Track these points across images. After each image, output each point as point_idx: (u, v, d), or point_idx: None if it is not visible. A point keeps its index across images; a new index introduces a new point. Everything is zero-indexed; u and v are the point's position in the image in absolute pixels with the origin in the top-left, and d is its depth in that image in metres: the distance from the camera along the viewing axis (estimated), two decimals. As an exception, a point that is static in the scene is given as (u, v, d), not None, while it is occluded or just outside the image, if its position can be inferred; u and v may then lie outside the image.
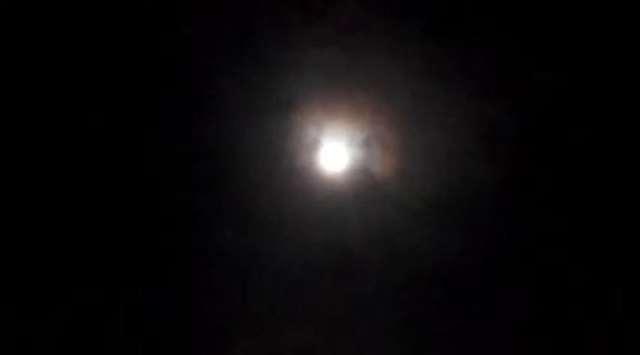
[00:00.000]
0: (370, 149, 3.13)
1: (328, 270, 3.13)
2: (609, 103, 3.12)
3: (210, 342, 3.11)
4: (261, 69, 3.05)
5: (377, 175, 3.13)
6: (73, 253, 3.11)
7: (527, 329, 3.14)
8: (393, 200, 3.13)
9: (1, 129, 3.07)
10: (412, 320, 3.12)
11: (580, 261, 3.17)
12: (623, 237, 3.14)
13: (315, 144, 3.14)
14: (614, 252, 3.16)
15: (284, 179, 3.11)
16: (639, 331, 3.10)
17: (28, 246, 3.10)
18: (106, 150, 3.11)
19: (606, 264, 3.15)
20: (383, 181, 3.13)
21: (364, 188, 3.13)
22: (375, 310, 3.12)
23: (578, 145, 3.15)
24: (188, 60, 3.05)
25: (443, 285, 3.12)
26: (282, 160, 3.11)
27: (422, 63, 3.08)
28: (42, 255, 3.10)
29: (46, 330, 3.08)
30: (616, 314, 3.12)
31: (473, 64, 3.09)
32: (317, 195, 3.13)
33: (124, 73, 3.06)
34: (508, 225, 3.14)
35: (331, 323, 3.12)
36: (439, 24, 3.08)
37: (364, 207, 3.13)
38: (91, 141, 3.10)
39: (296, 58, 3.05)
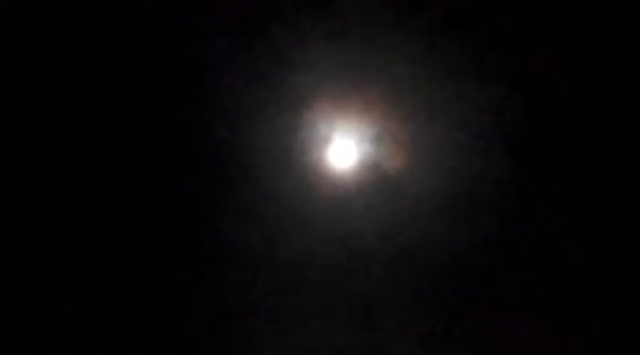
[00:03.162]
0: (381, 145, 3.11)
1: (340, 267, 3.12)
2: (621, 97, 3.11)
3: (213, 342, 3.11)
4: (272, 64, 3.03)
5: (388, 171, 3.12)
6: (73, 251, 3.10)
7: (537, 326, 3.14)
8: (405, 196, 3.12)
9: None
10: (424, 316, 3.11)
11: (590, 256, 3.17)
12: (632, 236, 3.13)
13: (325, 140, 3.12)
14: (622, 250, 3.15)
15: (295, 175, 3.09)
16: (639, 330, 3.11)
17: (25, 245, 3.09)
18: (110, 147, 3.09)
19: (613, 261, 3.15)
20: (394, 177, 3.11)
21: (376, 184, 3.12)
22: (387, 310, 3.11)
23: (590, 138, 3.14)
24: (197, 56, 3.02)
25: (455, 281, 3.12)
26: (293, 157, 3.09)
27: (433, 57, 3.06)
28: (39, 254, 3.09)
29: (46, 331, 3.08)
30: (619, 312, 3.12)
31: (485, 57, 3.07)
32: (328, 191, 3.11)
33: (131, 69, 3.04)
34: (522, 220, 3.13)
35: (341, 321, 3.11)
36: (450, 17, 3.05)
37: (376, 203, 3.12)
38: (94, 138, 3.08)
39: (306, 53, 3.03)
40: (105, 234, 3.11)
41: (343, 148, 3.13)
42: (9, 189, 3.09)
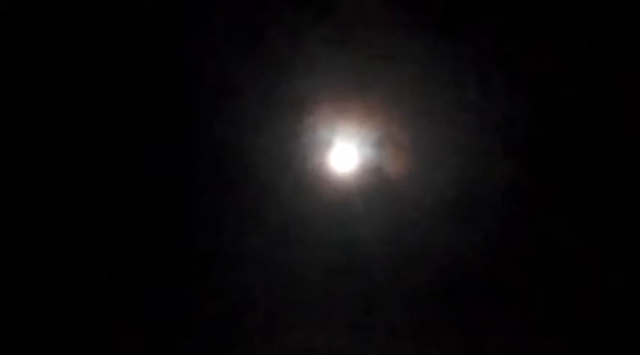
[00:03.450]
0: (382, 149, 3.11)
1: (340, 272, 3.13)
2: (625, 98, 3.11)
3: (213, 342, 3.12)
4: (273, 69, 3.02)
5: (390, 175, 3.12)
6: (73, 254, 3.10)
7: (537, 326, 3.16)
8: (406, 199, 3.12)
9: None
10: (426, 320, 3.12)
11: (590, 256, 3.18)
12: (632, 236, 3.14)
13: (327, 145, 3.12)
14: (622, 250, 3.17)
15: (296, 180, 3.09)
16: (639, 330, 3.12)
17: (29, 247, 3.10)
18: (111, 149, 3.09)
19: (613, 261, 3.17)
20: (396, 181, 3.12)
21: (377, 188, 3.12)
22: (388, 311, 3.12)
23: (590, 139, 3.14)
24: (199, 60, 3.01)
25: (457, 285, 3.13)
26: (294, 161, 3.09)
27: (434, 61, 3.05)
28: (45, 254, 3.10)
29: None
30: (619, 313, 3.14)
31: (485, 60, 3.07)
32: (329, 195, 3.12)
33: (133, 74, 3.03)
34: (523, 223, 3.14)
35: (343, 324, 3.12)
36: (450, 21, 3.05)
37: (377, 206, 3.13)
38: (95, 139, 3.07)
39: (307, 57, 3.02)
40: (105, 234, 3.12)
41: (344, 152, 3.13)
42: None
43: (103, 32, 3.01)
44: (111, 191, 3.11)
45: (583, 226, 3.18)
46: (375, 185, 3.13)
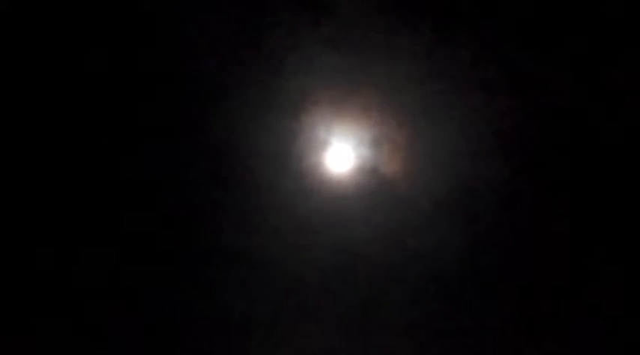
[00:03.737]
0: (379, 149, 3.12)
1: (337, 271, 3.15)
2: (620, 100, 3.10)
3: (213, 343, 3.15)
4: (270, 69, 3.02)
5: (386, 175, 3.13)
6: (73, 254, 3.13)
7: (537, 326, 3.17)
8: (402, 200, 3.13)
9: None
10: (424, 319, 3.14)
11: (590, 256, 3.19)
12: (631, 236, 3.14)
13: (323, 144, 3.13)
14: (621, 250, 3.17)
15: (293, 179, 3.11)
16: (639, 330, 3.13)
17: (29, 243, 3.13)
18: (112, 149, 3.10)
19: (613, 261, 3.17)
20: (392, 181, 3.13)
21: (373, 188, 3.13)
22: (385, 310, 3.14)
23: (589, 141, 3.13)
24: (196, 60, 3.01)
25: (454, 284, 3.14)
26: (291, 161, 3.10)
27: (430, 62, 3.04)
28: (45, 250, 3.13)
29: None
30: (618, 313, 3.14)
31: (481, 62, 3.05)
32: (326, 195, 3.13)
33: (131, 74, 3.03)
34: (518, 224, 3.14)
35: (341, 324, 3.15)
36: (447, 23, 3.03)
37: (373, 207, 3.14)
38: (95, 140, 3.09)
39: (305, 57, 3.02)
40: (104, 233, 3.14)
41: (341, 152, 3.14)
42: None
43: (103, 32, 3.01)
44: (109, 191, 3.12)
45: (582, 226, 3.18)
46: (371, 184, 3.14)
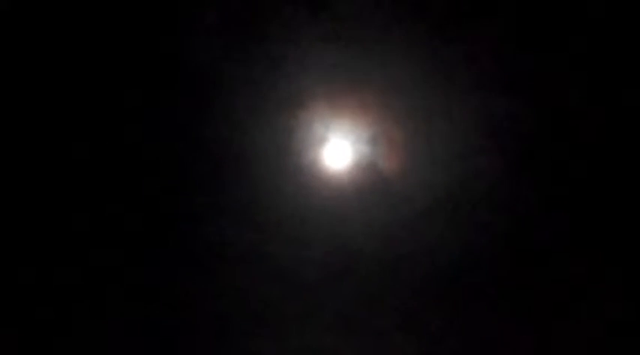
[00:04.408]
0: (377, 146, 3.11)
1: (335, 269, 3.16)
2: (619, 99, 3.08)
3: (213, 342, 3.16)
4: (267, 66, 3.02)
5: (384, 172, 3.13)
6: (73, 254, 3.15)
7: (536, 326, 3.17)
8: (400, 196, 3.13)
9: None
10: (419, 316, 3.15)
11: (589, 256, 3.18)
12: (631, 236, 3.13)
13: (321, 141, 3.12)
14: (621, 250, 3.16)
15: (290, 176, 3.11)
16: (639, 330, 3.12)
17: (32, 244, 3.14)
18: (109, 150, 3.10)
19: (613, 261, 3.16)
20: (390, 178, 3.12)
21: (371, 185, 3.13)
22: (383, 308, 3.15)
23: (588, 141, 3.12)
24: (193, 57, 3.00)
25: (452, 283, 3.15)
26: (289, 158, 3.10)
27: (429, 59, 3.03)
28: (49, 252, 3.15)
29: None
30: (617, 313, 3.14)
31: (479, 59, 3.04)
32: (324, 192, 3.13)
33: (128, 72, 3.03)
34: (517, 222, 3.14)
35: (339, 322, 3.16)
36: (445, 20, 3.02)
37: (371, 203, 3.14)
38: (94, 139, 3.09)
39: (302, 54, 3.01)
40: (103, 233, 3.16)
41: (339, 149, 3.14)
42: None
43: (102, 31, 3.01)
44: (108, 190, 3.13)
45: (581, 225, 3.18)
46: (369, 181, 3.13)
